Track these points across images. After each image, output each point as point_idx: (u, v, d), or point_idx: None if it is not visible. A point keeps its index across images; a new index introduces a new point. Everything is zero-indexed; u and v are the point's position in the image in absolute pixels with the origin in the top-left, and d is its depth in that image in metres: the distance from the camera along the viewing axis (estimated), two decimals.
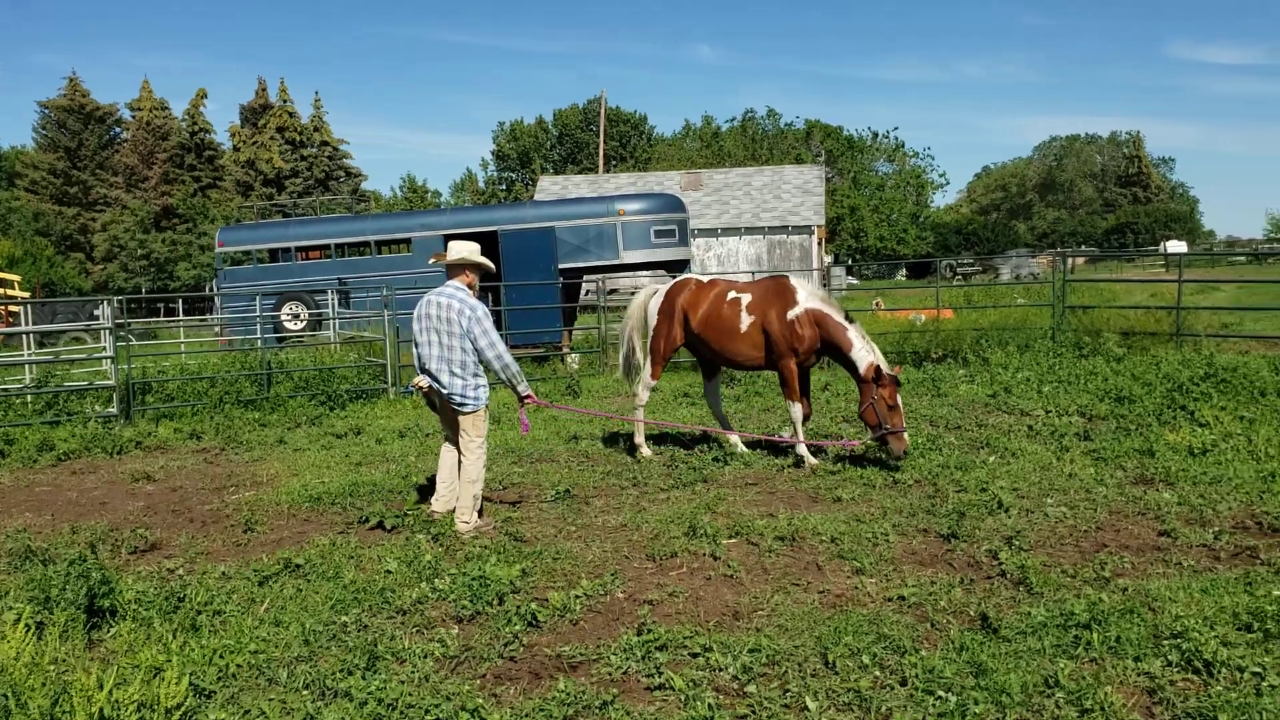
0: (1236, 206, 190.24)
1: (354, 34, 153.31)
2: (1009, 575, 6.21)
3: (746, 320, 10.21)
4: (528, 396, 8.17)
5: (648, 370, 10.90)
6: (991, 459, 9.49)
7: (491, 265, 8.37)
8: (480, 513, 8.07)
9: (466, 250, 8.14)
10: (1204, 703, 4.37)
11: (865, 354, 9.61)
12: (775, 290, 10.24)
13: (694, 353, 11.25)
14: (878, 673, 4.89)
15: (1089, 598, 5.63)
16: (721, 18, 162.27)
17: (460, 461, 8.05)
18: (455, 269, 8.12)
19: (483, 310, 7.86)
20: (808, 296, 9.99)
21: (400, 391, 16.61)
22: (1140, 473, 8.72)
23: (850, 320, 9.84)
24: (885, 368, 9.43)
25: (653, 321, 10.86)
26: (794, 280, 10.35)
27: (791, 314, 9.92)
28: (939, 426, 11.30)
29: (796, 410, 10.01)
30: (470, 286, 8.11)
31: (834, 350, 9.88)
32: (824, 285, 23.57)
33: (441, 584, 6.43)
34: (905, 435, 9.34)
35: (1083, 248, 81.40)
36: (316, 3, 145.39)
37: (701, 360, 11.30)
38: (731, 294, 10.48)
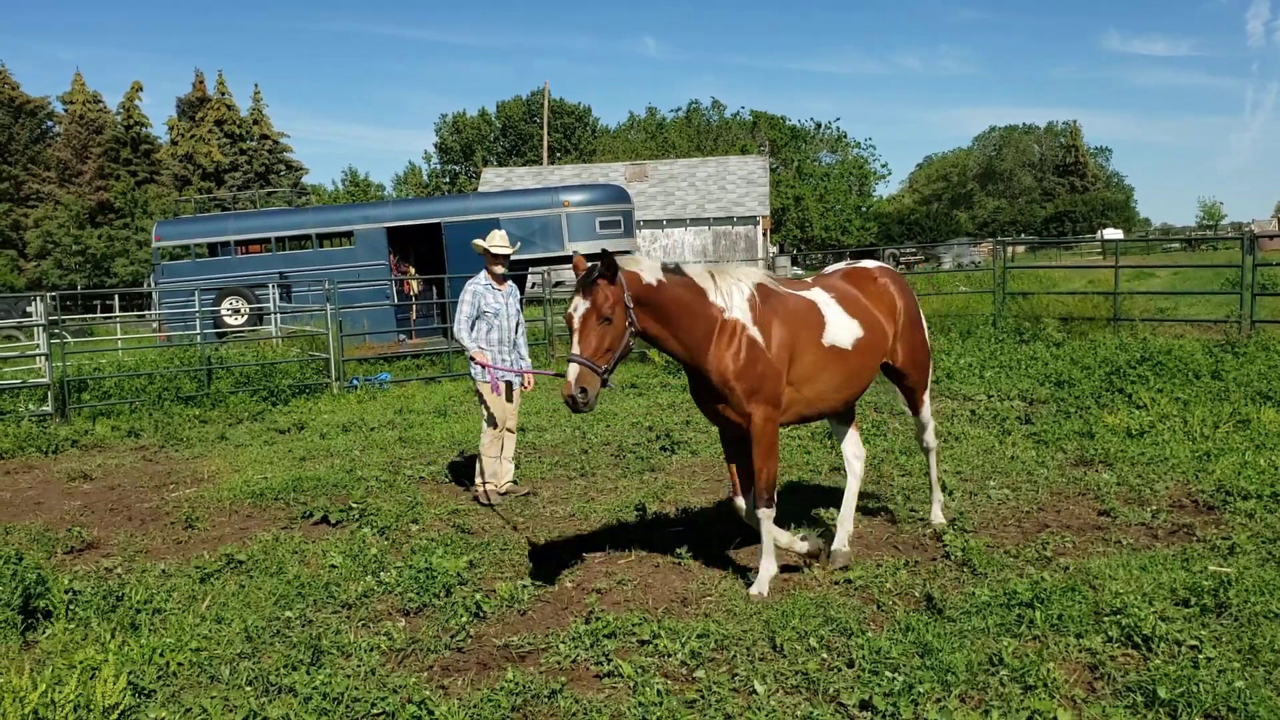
0: (1170, 195, 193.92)
1: (294, 27, 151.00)
2: (953, 557, 6.27)
3: None
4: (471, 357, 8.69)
5: None
6: None
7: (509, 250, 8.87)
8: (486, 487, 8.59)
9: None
10: (1144, 676, 4.44)
11: None
12: None
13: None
14: (825, 655, 4.92)
15: (1031, 577, 5.71)
16: (665, 11, 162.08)
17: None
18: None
19: (464, 294, 8.77)
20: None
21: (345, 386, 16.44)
22: (1080, 454, 8.86)
23: None
24: None
25: None
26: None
27: None
28: (883, 412, 11.41)
29: None
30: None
31: None
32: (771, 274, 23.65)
33: (387, 577, 6.37)
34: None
35: (1022, 236, 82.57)
36: None
37: None
38: None
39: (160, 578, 6.77)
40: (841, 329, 6.11)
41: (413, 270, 27.36)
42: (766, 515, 5.90)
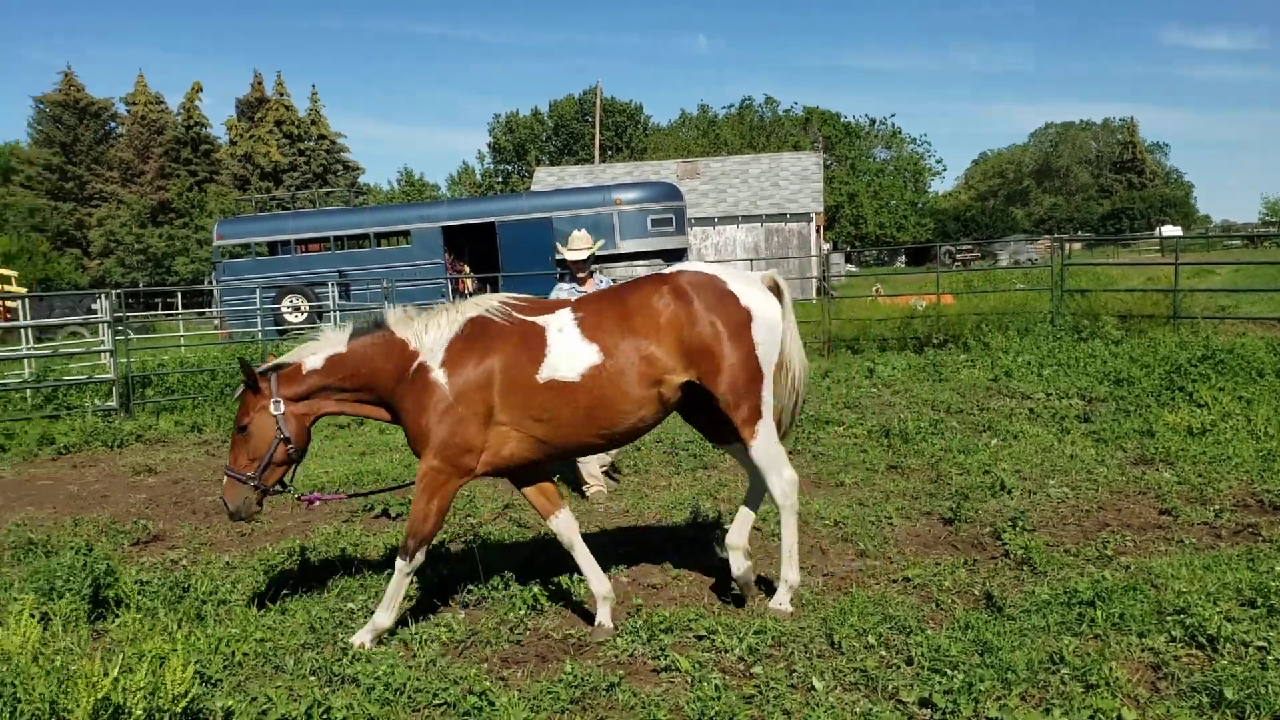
0: (1231, 192, 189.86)
1: (349, 28, 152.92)
2: (1012, 555, 6.23)
3: None
4: None
5: None
6: (993, 442, 9.51)
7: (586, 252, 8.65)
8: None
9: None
10: (1209, 677, 4.38)
11: None
12: None
13: None
14: (884, 652, 4.91)
15: (1092, 576, 5.65)
16: (717, 9, 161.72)
17: None
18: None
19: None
20: None
21: None
22: (1140, 453, 8.73)
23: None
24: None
25: None
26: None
27: None
28: (941, 411, 11.31)
29: None
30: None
31: None
32: (823, 272, 23.57)
33: (446, 570, 6.45)
34: None
35: (1079, 233, 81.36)
36: None
37: None
38: None
39: (225, 569, 6.91)
40: (565, 359, 5.35)
41: (467, 269, 27.60)
42: (401, 567, 5.35)
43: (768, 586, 5.97)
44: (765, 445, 5.45)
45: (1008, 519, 6.90)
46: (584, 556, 5.66)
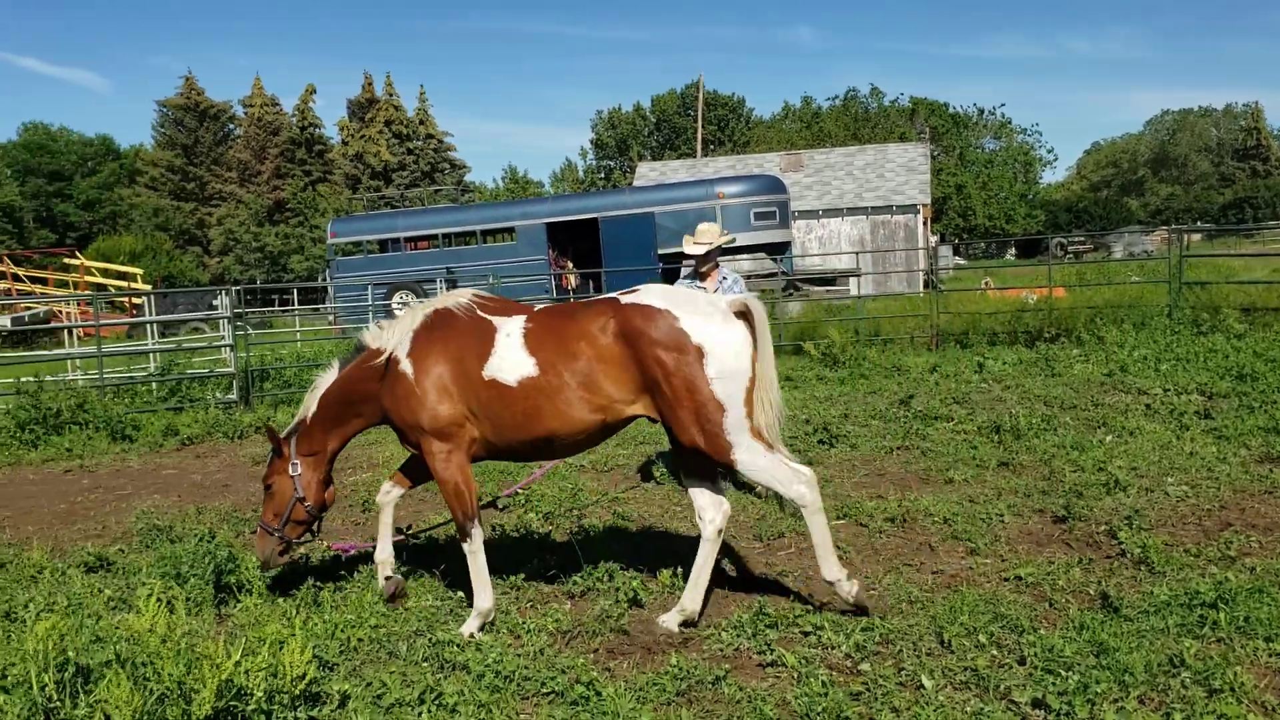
0: None
1: (455, 28, 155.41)
2: (1129, 555, 6.05)
3: None
4: None
5: None
6: (1108, 438, 9.25)
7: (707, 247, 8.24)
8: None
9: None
10: None
11: None
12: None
13: None
14: (995, 652, 4.82)
15: (1214, 577, 5.46)
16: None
17: None
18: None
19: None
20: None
21: None
22: (1265, 451, 8.39)
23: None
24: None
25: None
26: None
27: None
28: (1053, 406, 11.03)
29: None
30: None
31: None
32: (931, 264, 23.17)
33: (553, 561, 6.53)
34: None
35: (1198, 223, 78.39)
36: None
37: None
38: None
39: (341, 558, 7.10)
40: (507, 363, 5.45)
41: (570, 265, 27.84)
42: (467, 549, 5.62)
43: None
44: (752, 464, 5.30)
45: (1124, 517, 6.70)
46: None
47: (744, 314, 5.41)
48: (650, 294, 5.51)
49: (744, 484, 7.87)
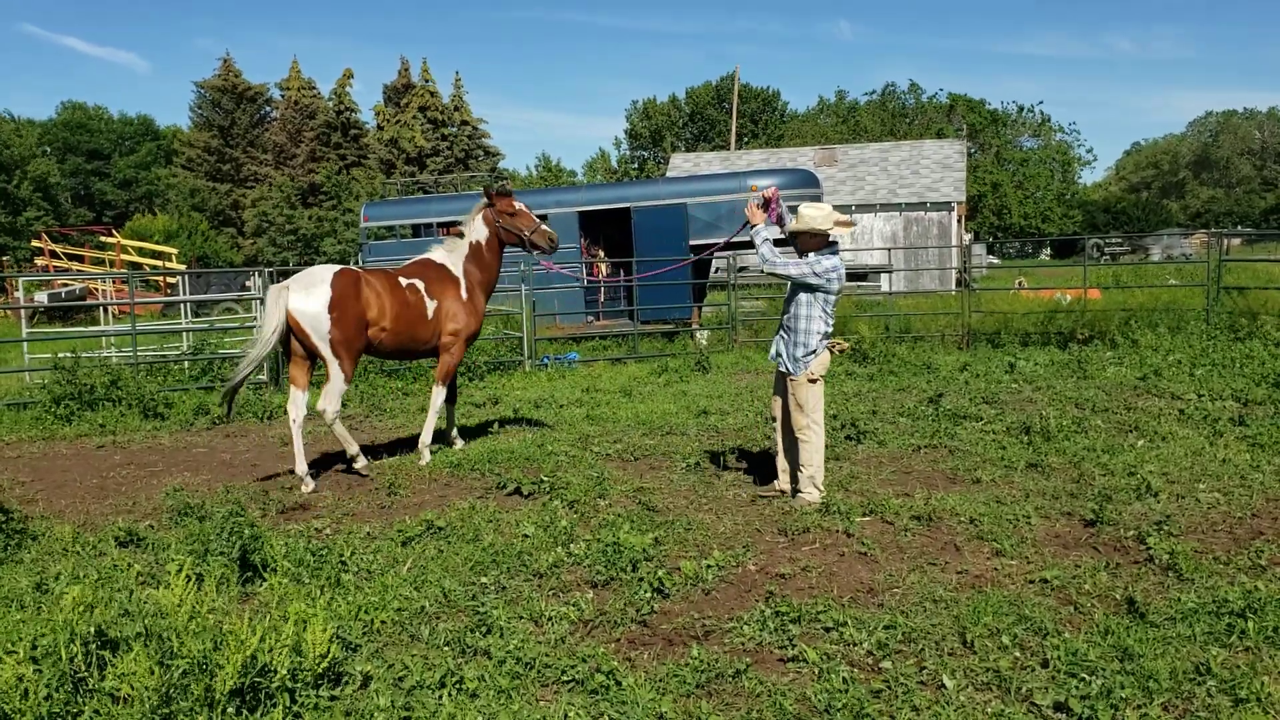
0: None
1: (492, 16, 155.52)
2: (1157, 560, 5.99)
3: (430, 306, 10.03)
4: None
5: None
6: (1140, 443, 9.16)
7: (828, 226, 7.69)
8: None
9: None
10: None
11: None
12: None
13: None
14: (1018, 653, 4.79)
15: (1244, 585, 5.40)
16: None
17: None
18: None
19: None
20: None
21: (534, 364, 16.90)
22: None
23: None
24: None
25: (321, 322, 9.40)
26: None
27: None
28: (1085, 409, 10.94)
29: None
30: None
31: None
32: (964, 263, 23.00)
33: (576, 549, 6.54)
34: None
35: (1239, 227, 77.40)
36: None
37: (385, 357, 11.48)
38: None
39: (365, 539, 7.15)
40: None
41: (602, 253, 27.83)
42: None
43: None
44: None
45: (1153, 523, 6.64)
46: None
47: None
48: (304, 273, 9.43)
49: (797, 490, 7.85)
